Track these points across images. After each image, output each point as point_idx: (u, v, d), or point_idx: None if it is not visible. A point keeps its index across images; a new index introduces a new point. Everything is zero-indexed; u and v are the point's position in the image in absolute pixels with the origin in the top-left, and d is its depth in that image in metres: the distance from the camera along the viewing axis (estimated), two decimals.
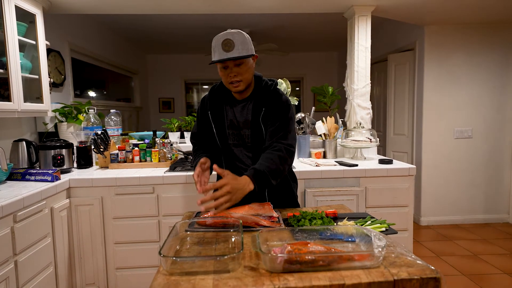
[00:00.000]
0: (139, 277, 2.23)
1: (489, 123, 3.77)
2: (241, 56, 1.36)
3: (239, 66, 1.40)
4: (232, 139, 1.55)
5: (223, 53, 1.35)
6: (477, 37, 3.67)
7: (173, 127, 2.99)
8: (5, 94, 2.14)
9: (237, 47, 1.35)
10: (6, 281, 1.56)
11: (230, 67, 1.40)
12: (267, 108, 1.47)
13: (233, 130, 1.54)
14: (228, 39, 1.35)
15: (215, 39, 1.38)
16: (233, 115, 1.53)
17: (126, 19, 4.24)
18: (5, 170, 1.88)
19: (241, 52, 1.36)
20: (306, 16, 4.16)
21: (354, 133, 2.70)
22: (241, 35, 1.38)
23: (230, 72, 1.40)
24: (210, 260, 0.95)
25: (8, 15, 2.05)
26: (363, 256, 0.93)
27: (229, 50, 1.35)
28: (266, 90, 1.51)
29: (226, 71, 1.41)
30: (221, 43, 1.35)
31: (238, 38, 1.36)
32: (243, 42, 1.37)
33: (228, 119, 1.54)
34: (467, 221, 3.82)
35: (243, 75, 1.41)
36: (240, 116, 1.52)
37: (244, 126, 1.51)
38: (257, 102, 1.49)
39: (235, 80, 1.41)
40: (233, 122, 1.53)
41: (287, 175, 1.62)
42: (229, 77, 1.41)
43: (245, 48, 1.37)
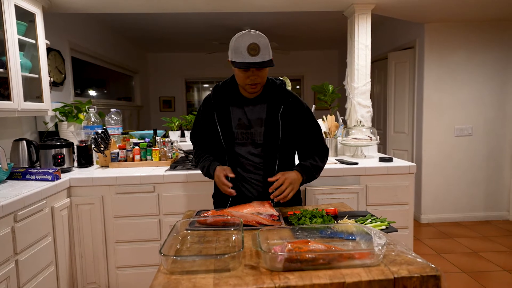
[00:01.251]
0: (140, 276, 2.24)
1: (490, 121, 3.77)
2: (266, 62, 1.38)
3: (260, 70, 1.42)
4: (240, 138, 1.55)
5: (248, 57, 1.36)
6: (477, 35, 3.66)
7: (174, 126, 2.99)
8: (5, 94, 2.14)
9: (262, 52, 1.37)
10: (7, 280, 1.57)
11: (252, 71, 1.41)
12: (286, 106, 1.53)
13: (242, 129, 1.54)
14: (254, 43, 1.36)
15: (239, 40, 1.38)
16: (243, 114, 1.54)
17: (126, 17, 4.23)
18: (6, 169, 1.88)
19: (265, 57, 1.38)
20: (306, 15, 4.15)
21: (354, 131, 2.69)
22: (265, 39, 1.40)
23: (251, 75, 1.42)
24: (211, 259, 0.96)
25: (7, 14, 2.05)
26: (363, 254, 0.93)
27: (254, 55, 1.36)
28: (279, 89, 1.56)
29: (246, 73, 1.42)
30: (247, 47, 1.36)
31: (262, 42, 1.38)
32: (266, 47, 1.39)
33: (236, 118, 1.54)
34: (467, 218, 3.82)
35: (263, 79, 1.46)
36: (251, 114, 1.54)
37: (256, 124, 1.53)
38: (271, 100, 1.54)
39: (255, 83, 1.44)
40: (242, 121, 1.54)
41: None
42: (250, 80, 1.43)
43: (268, 53, 1.40)
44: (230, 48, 1.42)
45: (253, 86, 1.45)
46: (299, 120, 1.56)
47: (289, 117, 1.53)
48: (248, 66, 1.37)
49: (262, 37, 1.39)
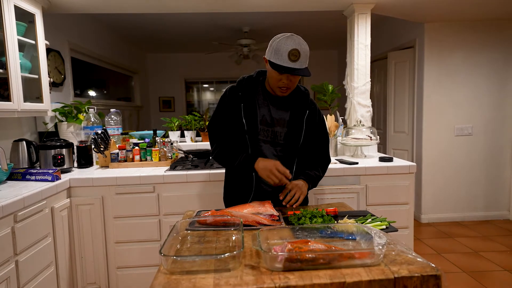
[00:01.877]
0: (140, 276, 2.24)
1: (490, 120, 3.77)
2: (303, 69, 1.39)
3: (294, 76, 1.44)
4: (262, 135, 1.55)
5: (288, 61, 1.36)
6: (477, 34, 3.66)
7: (174, 126, 2.99)
8: (5, 94, 2.14)
9: (301, 60, 1.38)
10: (7, 281, 1.56)
11: (287, 75, 1.42)
12: (311, 111, 1.59)
13: (264, 126, 1.55)
14: (296, 49, 1.36)
15: (281, 43, 1.37)
16: (267, 111, 1.55)
17: (126, 18, 4.23)
18: (6, 170, 1.88)
19: (303, 65, 1.39)
20: (306, 14, 4.15)
21: (354, 131, 2.69)
22: (307, 47, 1.41)
23: (285, 79, 1.43)
24: (211, 259, 0.95)
25: (7, 15, 2.05)
26: (363, 254, 0.93)
27: (294, 60, 1.37)
28: (304, 95, 1.61)
29: (281, 76, 1.43)
30: (289, 51, 1.36)
31: (304, 50, 1.38)
32: (307, 55, 1.40)
33: (261, 114, 1.55)
34: (468, 218, 3.82)
35: (294, 84, 1.48)
36: (276, 113, 1.55)
37: (278, 124, 1.55)
38: (296, 103, 1.58)
39: (287, 87, 1.46)
40: (265, 118, 1.55)
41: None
42: (282, 83, 1.45)
43: (306, 60, 1.41)
44: (271, 48, 1.41)
45: (283, 89, 1.47)
46: (317, 128, 1.63)
47: (311, 123, 1.59)
48: (286, 71, 1.37)
49: (305, 44, 1.40)
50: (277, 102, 1.57)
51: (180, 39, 5.46)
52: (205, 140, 3.03)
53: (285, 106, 1.57)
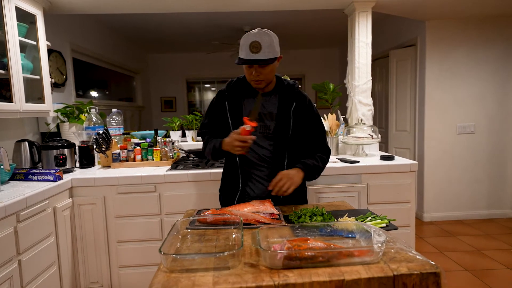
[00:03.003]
0: (142, 276, 2.24)
1: (492, 118, 3.75)
2: (266, 60, 1.42)
3: (263, 67, 1.46)
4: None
5: (249, 54, 1.41)
6: (479, 31, 3.64)
7: (175, 126, 3.00)
8: (7, 95, 2.15)
9: (264, 50, 1.41)
10: (10, 280, 1.58)
11: (255, 67, 1.46)
12: (298, 103, 1.58)
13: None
14: (256, 41, 1.40)
15: (245, 38, 1.44)
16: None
17: (127, 18, 4.24)
18: (8, 170, 1.90)
19: (267, 55, 1.42)
20: (306, 13, 4.15)
21: (355, 130, 2.69)
22: (269, 37, 1.43)
23: (254, 71, 1.47)
24: (210, 257, 0.96)
25: (8, 16, 2.06)
26: (362, 251, 0.93)
27: (256, 52, 1.41)
28: (291, 87, 1.61)
29: (250, 69, 1.48)
30: (249, 44, 1.41)
31: (265, 41, 1.41)
32: (270, 45, 1.42)
33: (248, 110, 1.58)
34: (470, 216, 3.81)
35: (266, 75, 1.49)
36: (263, 108, 1.58)
37: (267, 118, 1.57)
38: (283, 96, 1.58)
39: (258, 79, 1.49)
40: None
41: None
42: (253, 76, 1.48)
43: (271, 50, 1.43)
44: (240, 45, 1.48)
45: (256, 82, 1.50)
46: (308, 119, 1.61)
47: (300, 114, 1.58)
48: (245, 62, 1.42)
49: (267, 35, 1.42)
50: (266, 97, 1.59)
51: (181, 39, 5.47)
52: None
53: (273, 100, 1.59)
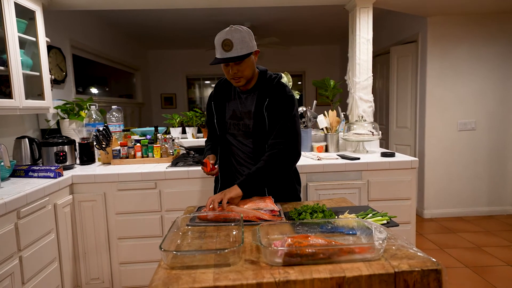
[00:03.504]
0: (143, 272, 2.25)
1: (493, 115, 3.73)
2: (239, 56, 1.40)
3: (239, 64, 1.45)
4: (232, 129, 1.61)
5: (223, 53, 1.41)
6: (481, 27, 3.62)
7: (175, 123, 2.99)
8: (7, 91, 2.14)
9: (236, 47, 1.39)
10: (11, 276, 1.58)
11: (231, 65, 1.45)
12: (271, 98, 1.52)
13: (234, 120, 1.60)
14: (227, 39, 1.39)
15: (216, 38, 1.43)
16: (237, 106, 1.60)
17: (126, 14, 4.22)
18: (8, 167, 1.89)
19: (239, 51, 1.40)
20: (307, 9, 4.12)
21: (356, 127, 2.68)
22: (240, 33, 1.40)
23: (231, 70, 1.46)
24: (211, 254, 0.96)
25: (7, 12, 2.05)
26: (363, 248, 0.93)
27: (228, 50, 1.40)
28: (270, 82, 1.56)
29: (227, 68, 1.47)
30: (221, 43, 1.40)
31: (237, 37, 1.39)
32: (242, 41, 1.40)
33: (231, 109, 1.61)
34: (471, 213, 3.81)
35: (243, 72, 1.47)
36: (242, 107, 1.58)
37: (246, 117, 1.57)
38: (260, 93, 1.54)
39: (236, 77, 1.48)
40: (235, 113, 1.60)
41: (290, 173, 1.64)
42: (230, 74, 1.48)
43: (244, 46, 1.41)
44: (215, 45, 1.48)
45: (235, 79, 1.49)
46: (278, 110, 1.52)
47: (274, 109, 1.51)
48: (219, 62, 1.42)
49: (238, 31, 1.40)
50: (243, 95, 1.59)
51: (181, 35, 5.45)
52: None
53: (252, 97, 1.57)
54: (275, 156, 1.47)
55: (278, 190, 1.59)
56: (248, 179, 1.43)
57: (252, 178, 1.43)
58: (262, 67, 1.61)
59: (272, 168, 1.46)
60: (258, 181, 1.44)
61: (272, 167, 1.46)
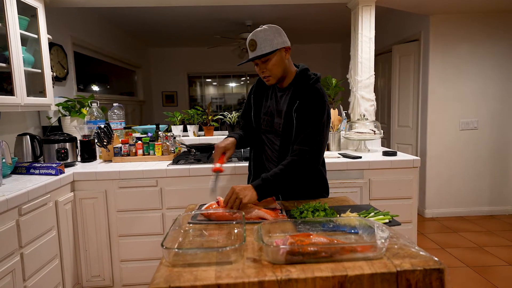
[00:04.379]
0: (144, 269, 2.25)
1: (495, 114, 3.72)
2: (262, 55, 1.42)
3: (266, 63, 1.46)
4: (265, 125, 1.62)
5: (250, 53, 1.46)
6: (483, 26, 3.61)
7: (176, 121, 2.99)
8: (8, 88, 2.14)
9: (259, 46, 1.42)
10: (12, 273, 1.58)
11: (259, 64, 1.48)
12: (302, 100, 1.47)
13: (267, 117, 1.61)
14: (251, 39, 1.44)
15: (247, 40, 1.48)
16: (273, 103, 1.62)
17: (128, 12, 4.21)
18: (10, 163, 1.90)
19: (262, 50, 1.43)
20: (309, 7, 4.11)
21: (357, 125, 2.68)
22: (264, 32, 1.43)
23: (259, 69, 1.50)
24: (213, 252, 0.95)
25: (9, 9, 2.05)
26: (365, 247, 0.92)
27: (253, 50, 1.44)
28: (305, 82, 1.50)
29: (257, 67, 1.51)
30: (248, 44, 1.45)
31: (260, 36, 1.42)
32: (265, 39, 1.42)
33: (267, 105, 1.63)
34: (472, 213, 3.80)
35: (271, 71, 1.48)
36: (277, 105, 1.59)
37: (278, 115, 1.57)
38: (294, 93, 1.53)
39: (264, 75, 1.51)
40: (270, 109, 1.62)
41: (320, 168, 1.62)
42: (260, 73, 1.51)
43: (267, 44, 1.42)
44: None
45: (265, 78, 1.52)
46: (307, 115, 1.47)
47: (304, 112, 1.46)
48: (250, 61, 1.46)
49: (262, 30, 1.43)
50: (280, 93, 1.59)
51: (182, 33, 5.44)
52: (208, 134, 3.03)
53: (286, 96, 1.55)
54: (296, 163, 1.41)
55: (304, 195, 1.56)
56: (266, 183, 1.37)
57: (269, 183, 1.37)
58: (304, 65, 1.56)
59: (289, 174, 1.40)
60: (275, 187, 1.38)
61: (289, 174, 1.40)
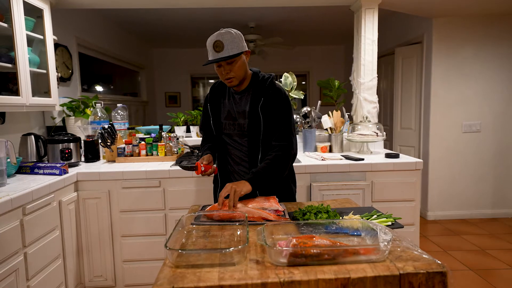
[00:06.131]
0: (146, 270, 2.26)
1: (498, 117, 3.71)
2: (230, 56, 1.44)
3: (231, 64, 1.49)
4: (228, 129, 1.64)
5: (214, 53, 1.45)
6: (486, 29, 3.60)
7: (179, 121, 3.00)
8: (14, 89, 2.16)
9: (226, 47, 1.44)
10: (16, 272, 1.59)
11: (223, 66, 1.49)
12: (266, 98, 1.55)
13: (229, 121, 1.63)
14: (217, 40, 1.44)
15: (208, 40, 1.49)
16: (231, 106, 1.63)
17: (133, 13, 4.23)
18: (14, 163, 1.91)
19: (230, 52, 1.45)
20: (312, 9, 4.11)
21: (360, 127, 2.68)
22: (230, 34, 1.45)
23: (223, 70, 1.50)
24: (216, 253, 0.96)
25: (16, 10, 2.07)
26: (368, 250, 0.93)
27: (219, 51, 1.45)
28: (263, 82, 1.59)
29: (220, 69, 1.51)
30: (212, 44, 1.45)
31: (227, 38, 1.44)
32: (232, 41, 1.45)
33: (226, 110, 1.64)
34: (475, 216, 3.79)
35: (236, 72, 1.50)
36: (237, 107, 1.61)
37: (241, 116, 1.59)
38: (254, 93, 1.57)
39: (228, 77, 1.51)
40: (230, 113, 1.63)
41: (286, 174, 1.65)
42: (223, 75, 1.51)
43: (234, 47, 1.45)
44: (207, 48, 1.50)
45: (228, 80, 1.52)
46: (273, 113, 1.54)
47: (269, 109, 1.54)
48: (210, 62, 1.47)
49: (228, 33, 1.46)
50: (238, 95, 1.61)
51: (186, 34, 5.45)
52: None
53: (246, 98, 1.59)
54: (281, 157, 1.51)
55: (275, 190, 1.58)
56: (257, 176, 1.44)
57: (260, 175, 1.45)
58: (255, 68, 1.65)
59: (277, 168, 1.50)
60: (265, 179, 1.47)
61: (277, 167, 1.50)
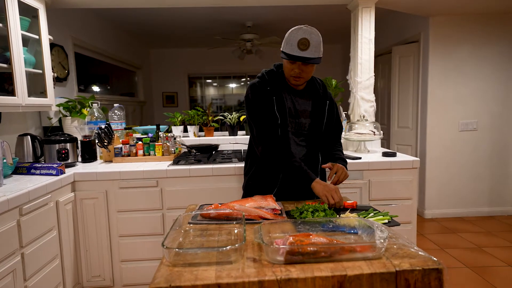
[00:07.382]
0: (144, 270, 2.26)
1: (495, 115, 3.73)
2: (313, 58, 1.42)
3: (307, 66, 1.47)
4: (290, 127, 1.60)
5: (297, 50, 1.41)
6: (483, 28, 3.62)
7: (177, 121, 2.99)
8: (9, 89, 2.15)
9: (311, 48, 1.41)
10: (13, 273, 1.59)
11: (298, 64, 1.46)
12: (330, 102, 1.66)
13: (290, 118, 1.59)
14: (305, 38, 1.40)
15: (293, 32, 1.43)
16: (292, 103, 1.59)
17: (129, 13, 4.22)
18: (11, 164, 1.90)
19: (313, 54, 1.42)
20: (309, 9, 4.12)
21: (357, 126, 2.68)
22: (317, 36, 1.42)
23: (296, 68, 1.47)
24: (213, 252, 0.96)
25: (11, 10, 2.05)
26: (365, 247, 0.93)
27: (303, 50, 1.41)
28: (324, 86, 1.68)
29: (293, 65, 1.47)
30: (298, 40, 1.40)
31: (315, 39, 1.41)
32: (317, 44, 1.42)
33: (287, 107, 1.58)
34: (472, 213, 3.81)
35: (308, 74, 1.51)
36: (299, 105, 1.60)
37: (302, 115, 1.60)
38: (317, 95, 1.63)
39: (299, 76, 1.50)
40: (291, 110, 1.59)
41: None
42: (294, 72, 1.48)
43: (318, 50, 1.43)
44: (285, 39, 1.47)
45: (296, 78, 1.50)
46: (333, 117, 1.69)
47: (330, 112, 1.66)
48: (294, 59, 1.42)
49: (315, 34, 1.42)
50: (299, 93, 1.61)
51: (183, 34, 5.45)
52: (208, 135, 3.03)
53: (307, 98, 1.62)
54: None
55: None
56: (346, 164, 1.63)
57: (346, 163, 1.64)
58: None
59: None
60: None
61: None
